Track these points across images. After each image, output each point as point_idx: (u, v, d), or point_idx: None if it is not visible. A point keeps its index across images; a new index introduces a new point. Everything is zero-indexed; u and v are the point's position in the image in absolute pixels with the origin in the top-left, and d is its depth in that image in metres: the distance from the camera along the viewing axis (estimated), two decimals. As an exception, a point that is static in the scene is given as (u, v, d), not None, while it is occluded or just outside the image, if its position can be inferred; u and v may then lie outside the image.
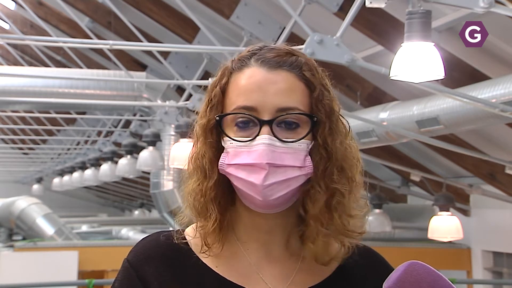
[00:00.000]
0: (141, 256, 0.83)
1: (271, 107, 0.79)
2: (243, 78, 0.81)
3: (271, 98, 0.79)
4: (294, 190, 0.80)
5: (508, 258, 5.17)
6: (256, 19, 4.15)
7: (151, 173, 5.68)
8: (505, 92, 2.73)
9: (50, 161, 11.09)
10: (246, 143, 0.79)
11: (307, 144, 0.80)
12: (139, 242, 0.86)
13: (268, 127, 0.78)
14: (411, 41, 2.14)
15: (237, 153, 0.79)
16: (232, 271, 0.83)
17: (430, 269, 0.79)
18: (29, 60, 7.50)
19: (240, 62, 0.82)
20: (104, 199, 14.58)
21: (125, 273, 0.83)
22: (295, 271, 0.83)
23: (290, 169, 0.79)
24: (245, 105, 0.79)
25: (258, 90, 0.79)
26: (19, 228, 7.66)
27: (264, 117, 0.79)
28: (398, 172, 5.31)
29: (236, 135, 0.80)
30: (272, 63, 0.80)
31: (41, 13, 6.08)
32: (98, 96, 5.41)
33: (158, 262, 0.83)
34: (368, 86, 4.15)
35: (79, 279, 6.00)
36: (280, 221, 0.82)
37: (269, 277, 0.82)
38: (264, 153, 0.77)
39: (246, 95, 0.80)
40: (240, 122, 0.80)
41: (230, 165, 0.80)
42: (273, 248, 0.83)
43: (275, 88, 0.79)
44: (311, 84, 0.81)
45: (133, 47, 5.04)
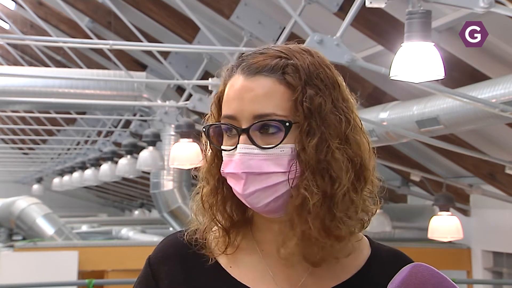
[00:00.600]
0: (159, 254, 0.85)
1: (248, 114, 0.79)
2: (229, 87, 0.82)
3: (247, 105, 0.79)
4: (286, 195, 0.78)
5: (508, 258, 5.17)
6: (256, 19, 4.15)
7: (151, 173, 5.68)
8: (505, 92, 2.73)
9: (50, 161, 11.09)
10: (230, 152, 0.80)
11: (291, 148, 0.78)
12: (162, 240, 0.88)
13: (245, 135, 0.79)
14: (411, 41, 2.14)
15: (226, 162, 0.81)
16: (245, 272, 0.83)
17: (434, 271, 0.78)
18: (29, 60, 7.50)
19: (230, 70, 0.83)
20: (104, 199, 14.58)
21: (144, 270, 0.86)
22: (307, 274, 0.82)
23: (273, 175, 0.78)
24: (226, 114, 0.81)
25: (237, 99, 0.80)
26: (19, 228, 7.65)
27: (243, 125, 0.79)
28: (398, 172, 5.31)
29: (226, 144, 0.81)
30: (252, 69, 0.80)
31: (41, 13, 6.08)
32: (98, 96, 5.41)
33: (173, 261, 0.84)
34: (368, 86, 4.15)
35: (79, 279, 6.00)
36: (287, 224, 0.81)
37: (282, 280, 0.82)
38: (239, 162, 0.78)
39: (228, 104, 0.81)
40: (226, 131, 0.81)
41: (224, 173, 0.81)
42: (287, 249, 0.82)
43: (251, 95, 0.79)
44: (291, 86, 0.79)
45: (133, 47, 5.05)
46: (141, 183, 9.55)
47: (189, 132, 4.40)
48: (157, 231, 8.38)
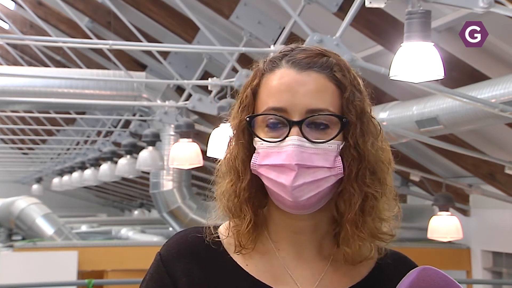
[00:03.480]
0: (172, 251, 0.84)
1: (301, 108, 0.79)
2: (274, 79, 0.81)
3: (300, 99, 0.79)
4: (324, 191, 0.80)
5: (507, 258, 5.17)
6: (256, 19, 4.15)
7: (150, 173, 5.68)
8: (504, 92, 2.73)
9: (49, 161, 11.09)
10: (275, 143, 0.79)
11: (337, 145, 0.80)
12: (173, 236, 0.86)
13: (298, 128, 0.79)
14: (411, 41, 2.14)
15: (267, 154, 0.80)
16: (262, 271, 0.83)
17: (442, 274, 0.79)
18: (29, 60, 7.49)
19: (271, 63, 0.82)
20: (103, 199, 14.58)
21: (156, 267, 0.84)
22: (324, 272, 0.83)
23: (320, 170, 0.79)
24: (275, 106, 0.80)
25: (287, 91, 0.80)
26: (18, 228, 7.65)
27: (294, 118, 0.79)
28: (397, 172, 5.31)
29: (267, 136, 0.80)
30: (302, 64, 0.81)
31: (40, 13, 6.07)
32: (97, 96, 5.41)
33: (188, 258, 0.83)
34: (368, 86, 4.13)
35: (78, 279, 6.00)
36: (312, 222, 0.82)
37: (299, 278, 0.82)
38: (293, 154, 0.78)
39: (276, 96, 0.80)
40: (271, 123, 0.80)
41: (261, 165, 0.80)
42: (304, 249, 0.83)
43: (304, 89, 0.80)
44: (341, 85, 0.81)
45: (133, 47, 5.04)
46: (140, 183, 9.55)
47: (189, 132, 4.40)
48: (156, 231, 8.38)
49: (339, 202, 0.81)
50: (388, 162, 0.82)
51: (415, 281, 0.78)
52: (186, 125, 4.47)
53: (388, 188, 0.82)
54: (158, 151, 5.25)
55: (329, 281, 0.83)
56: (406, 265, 0.86)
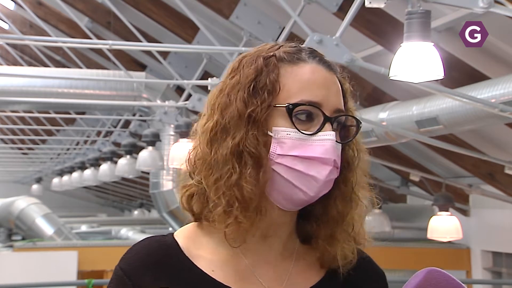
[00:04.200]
0: (136, 264, 0.81)
1: (332, 106, 0.80)
2: (306, 73, 0.80)
3: (333, 97, 0.80)
4: None
5: (507, 258, 5.17)
6: (256, 19, 4.15)
7: (150, 173, 5.68)
8: (504, 92, 2.73)
9: (49, 161, 11.08)
10: (308, 136, 0.78)
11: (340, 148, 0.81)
12: (131, 249, 0.83)
13: (330, 125, 0.79)
14: (411, 41, 2.14)
15: (296, 145, 0.78)
16: (228, 275, 0.81)
17: (449, 276, 0.79)
18: (29, 60, 7.49)
19: (293, 56, 0.81)
20: (103, 199, 14.58)
21: (120, 281, 0.81)
22: (289, 272, 0.82)
23: (337, 170, 0.80)
24: (312, 100, 0.79)
25: (323, 88, 0.80)
26: (18, 228, 7.65)
27: (326, 114, 0.80)
28: (397, 172, 5.31)
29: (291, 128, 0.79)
30: (328, 63, 0.83)
31: (40, 13, 6.07)
32: (97, 96, 5.41)
33: (154, 270, 0.80)
34: (368, 86, 4.15)
35: (78, 279, 6.00)
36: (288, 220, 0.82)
37: (266, 279, 0.81)
38: (332, 150, 0.78)
39: (312, 90, 0.80)
40: (301, 115, 0.79)
41: (283, 155, 0.77)
42: (271, 249, 0.82)
43: (335, 88, 0.81)
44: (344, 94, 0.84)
45: (133, 47, 5.04)
46: (140, 183, 9.55)
47: (189, 132, 4.40)
48: (156, 231, 8.37)
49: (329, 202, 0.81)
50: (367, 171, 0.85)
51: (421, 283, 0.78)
52: (186, 125, 4.47)
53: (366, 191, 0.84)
54: (158, 151, 5.25)
55: (295, 280, 0.82)
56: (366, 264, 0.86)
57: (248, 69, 0.80)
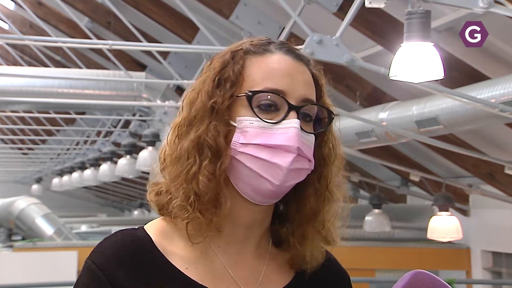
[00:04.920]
0: (110, 259, 0.78)
1: (298, 95, 0.78)
2: (271, 62, 0.79)
3: (299, 86, 0.79)
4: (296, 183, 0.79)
5: (507, 258, 5.17)
6: (256, 19, 4.14)
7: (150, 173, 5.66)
8: (504, 92, 2.73)
9: (49, 161, 11.08)
10: (271, 124, 0.77)
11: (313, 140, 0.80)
12: (103, 242, 0.80)
13: (296, 113, 0.77)
14: (411, 41, 2.14)
15: (259, 133, 0.76)
16: (202, 273, 0.79)
17: (435, 278, 0.79)
18: (29, 60, 7.49)
19: (259, 47, 0.81)
20: (103, 199, 14.58)
21: (93, 277, 0.77)
22: (263, 271, 0.81)
23: (305, 161, 0.78)
24: (275, 88, 0.78)
25: (287, 76, 0.79)
26: (18, 228, 7.65)
27: (292, 102, 0.78)
28: (397, 172, 5.31)
29: (254, 116, 0.77)
30: (296, 54, 0.81)
31: (40, 13, 6.07)
32: (97, 96, 5.41)
33: (128, 265, 0.77)
34: (368, 86, 4.15)
35: (78, 279, 5.98)
36: (261, 217, 0.80)
37: (240, 278, 0.80)
38: (296, 137, 0.76)
39: (275, 78, 0.78)
40: (265, 104, 0.78)
41: (246, 144, 0.76)
42: (245, 246, 0.81)
43: (302, 77, 0.79)
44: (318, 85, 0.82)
45: (133, 47, 5.04)
46: (140, 183, 9.54)
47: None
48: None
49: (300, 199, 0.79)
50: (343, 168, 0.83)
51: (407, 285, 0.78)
52: (186, 125, 4.46)
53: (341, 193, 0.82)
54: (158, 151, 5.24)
55: (268, 280, 0.81)
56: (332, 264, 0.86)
57: (216, 63, 0.80)
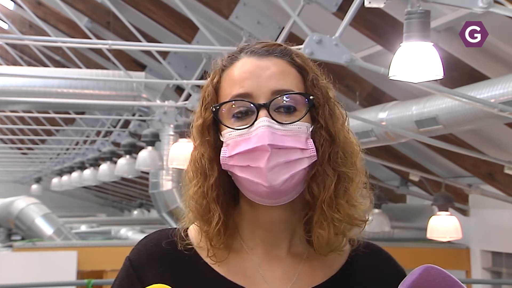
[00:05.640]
0: (142, 256, 0.82)
1: (266, 90, 0.78)
2: (235, 70, 0.81)
3: (265, 82, 0.79)
4: (299, 175, 0.78)
5: (507, 258, 5.17)
6: (255, 19, 4.14)
7: (150, 173, 5.67)
8: (504, 92, 2.73)
9: (49, 161, 11.08)
10: (245, 130, 0.78)
11: (306, 127, 0.79)
12: (141, 240, 0.85)
13: (266, 111, 0.78)
14: (410, 41, 2.14)
15: (238, 142, 0.78)
16: (234, 271, 0.81)
17: (445, 273, 0.78)
18: (28, 60, 7.49)
19: (229, 58, 0.83)
20: (103, 199, 14.57)
21: (126, 272, 0.83)
22: (298, 271, 0.82)
23: (293, 151, 0.77)
24: (239, 93, 0.79)
25: (251, 77, 0.79)
26: (18, 228, 7.64)
27: (260, 101, 0.78)
28: (397, 172, 5.31)
29: (234, 126, 0.79)
30: (262, 51, 0.81)
31: (40, 13, 6.07)
32: (97, 96, 5.40)
33: (158, 262, 0.82)
34: (367, 86, 4.15)
35: (78, 279, 5.99)
36: (285, 217, 0.81)
37: (271, 278, 0.81)
38: (264, 135, 0.76)
39: (239, 83, 0.79)
40: (237, 112, 0.79)
41: (232, 156, 0.78)
42: (276, 247, 0.82)
43: (268, 72, 0.79)
44: (303, 70, 0.81)
45: (132, 47, 5.04)
46: (140, 183, 9.54)
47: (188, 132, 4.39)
48: (156, 231, 8.34)
49: (312, 186, 0.79)
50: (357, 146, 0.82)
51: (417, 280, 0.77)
52: (185, 125, 4.46)
53: (358, 172, 0.80)
54: (158, 151, 5.25)
55: (302, 279, 0.81)
56: (378, 257, 0.86)
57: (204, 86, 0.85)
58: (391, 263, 0.87)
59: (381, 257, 0.86)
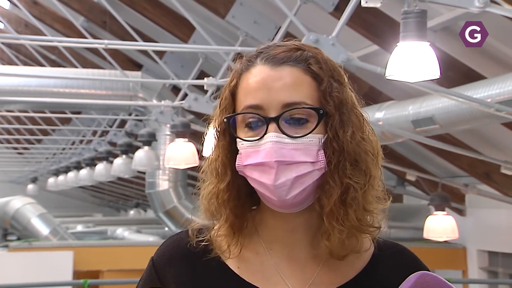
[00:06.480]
0: (164, 256, 0.84)
1: (277, 103, 0.78)
2: (250, 78, 0.80)
3: (276, 94, 0.78)
4: (310, 187, 0.78)
5: (503, 258, 5.18)
6: (252, 19, 4.14)
7: (146, 173, 5.66)
8: (500, 91, 2.74)
9: (45, 161, 11.04)
10: (254, 142, 0.78)
11: (319, 139, 0.79)
12: (166, 240, 0.86)
13: (275, 124, 0.77)
14: (407, 40, 2.13)
15: (248, 154, 0.79)
16: (253, 272, 0.82)
17: (441, 281, 0.78)
18: (24, 60, 7.46)
19: (247, 62, 0.82)
20: (99, 199, 14.54)
21: (149, 272, 0.84)
22: (317, 272, 0.82)
23: (302, 165, 0.77)
24: (251, 104, 0.79)
25: (263, 88, 0.79)
26: (13, 228, 7.62)
27: (271, 114, 0.78)
28: (393, 171, 5.31)
29: (247, 136, 0.79)
30: (276, 60, 0.80)
31: (35, 12, 6.05)
32: (93, 95, 5.39)
33: (178, 263, 0.83)
34: (364, 85, 4.15)
35: (74, 279, 5.98)
36: (302, 220, 0.81)
37: (291, 279, 0.81)
38: (272, 151, 0.76)
39: (252, 94, 0.79)
40: (249, 122, 0.79)
41: (245, 166, 0.79)
42: (296, 248, 0.82)
43: (280, 84, 0.79)
44: (318, 77, 0.80)
45: (128, 47, 5.02)
46: (136, 183, 9.52)
47: (185, 131, 4.38)
48: (152, 231, 8.35)
49: (320, 196, 0.79)
50: (375, 153, 0.81)
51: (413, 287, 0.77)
52: (182, 124, 4.45)
53: (374, 179, 0.80)
54: (154, 151, 5.24)
55: (321, 280, 0.81)
56: (403, 257, 0.85)
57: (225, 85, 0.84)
58: (417, 263, 0.86)
59: (407, 257, 0.86)
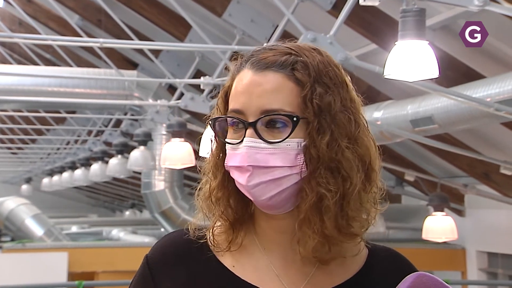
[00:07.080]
0: (158, 255, 0.85)
1: (255, 109, 0.80)
2: (237, 82, 0.83)
3: (255, 100, 0.80)
4: (289, 190, 0.79)
5: (502, 259, 5.16)
6: (249, 17, 4.10)
7: (142, 173, 5.62)
8: (499, 91, 2.71)
9: (39, 161, 10.99)
10: (235, 145, 0.81)
11: (297, 143, 0.80)
12: (161, 238, 0.87)
13: (252, 129, 0.80)
14: (405, 39, 2.11)
15: (230, 156, 0.81)
16: (249, 271, 0.83)
17: (438, 281, 0.78)
18: (18, 58, 7.41)
19: (240, 64, 0.84)
20: (94, 199, 14.50)
21: (142, 271, 0.85)
22: (312, 272, 0.83)
23: (279, 169, 0.79)
24: (234, 108, 0.82)
25: (245, 93, 0.81)
26: (7, 229, 7.58)
27: (250, 119, 0.80)
28: (392, 172, 5.29)
29: (232, 137, 0.82)
30: (261, 64, 0.81)
31: (30, 10, 6.00)
32: (88, 95, 5.35)
33: (174, 262, 0.84)
34: (362, 85, 4.11)
35: (68, 280, 5.94)
36: (291, 222, 0.82)
37: (286, 278, 0.82)
38: (246, 156, 0.79)
39: (236, 98, 0.82)
40: (232, 124, 0.82)
41: (228, 166, 0.82)
42: (290, 249, 0.83)
43: (259, 90, 0.80)
44: (301, 82, 0.80)
45: (124, 46, 4.98)
46: (132, 183, 9.48)
47: (181, 131, 4.35)
48: (148, 231, 8.32)
49: (299, 201, 0.80)
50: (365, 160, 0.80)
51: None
52: (178, 124, 4.41)
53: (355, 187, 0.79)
54: (150, 151, 5.20)
55: (317, 280, 0.82)
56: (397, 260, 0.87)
57: None
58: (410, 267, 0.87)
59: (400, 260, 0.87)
